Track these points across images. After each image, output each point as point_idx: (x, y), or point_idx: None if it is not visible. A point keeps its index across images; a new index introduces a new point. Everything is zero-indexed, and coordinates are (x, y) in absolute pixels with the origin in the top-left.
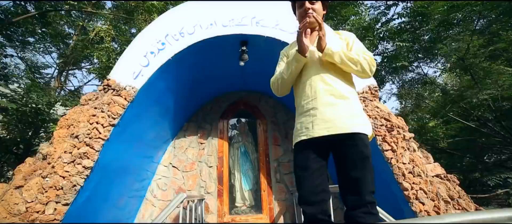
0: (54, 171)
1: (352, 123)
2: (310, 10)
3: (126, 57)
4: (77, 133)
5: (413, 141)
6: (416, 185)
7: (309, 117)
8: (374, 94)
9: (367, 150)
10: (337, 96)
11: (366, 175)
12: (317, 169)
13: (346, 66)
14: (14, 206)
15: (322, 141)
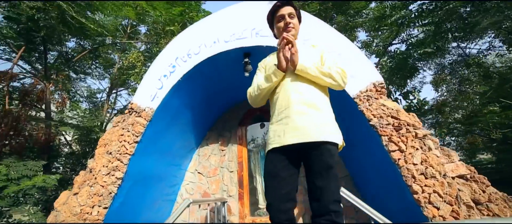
0: (96, 182)
1: (321, 132)
2: (290, 24)
3: (144, 82)
4: (110, 150)
5: (430, 138)
6: (429, 188)
7: (281, 126)
8: (380, 91)
9: (332, 159)
10: (309, 105)
11: (329, 184)
12: (287, 178)
13: (318, 80)
14: (73, 208)
15: (293, 150)
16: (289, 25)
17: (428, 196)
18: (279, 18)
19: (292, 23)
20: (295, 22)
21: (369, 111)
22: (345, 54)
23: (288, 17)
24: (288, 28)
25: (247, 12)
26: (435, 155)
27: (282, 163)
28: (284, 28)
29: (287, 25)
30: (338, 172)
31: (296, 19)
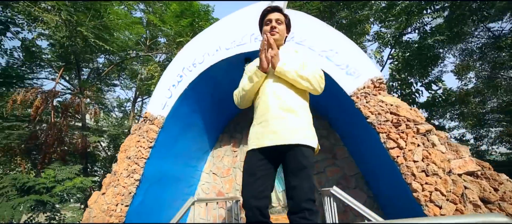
0: (118, 183)
1: (295, 136)
2: (276, 28)
3: (156, 92)
4: (129, 155)
5: (436, 133)
6: (430, 186)
7: (261, 128)
8: (378, 87)
9: (305, 161)
10: (286, 109)
11: (302, 184)
12: (262, 176)
13: (296, 83)
14: (101, 206)
15: (270, 151)
16: (274, 29)
17: (429, 194)
18: (267, 22)
19: (278, 28)
20: (281, 28)
21: (366, 108)
22: (342, 52)
23: (275, 22)
24: (272, 31)
25: (245, 18)
26: (440, 151)
27: (259, 163)
28: (269, 31)
29: (272, 28)
30: (312, 172)
31: (283, 26)
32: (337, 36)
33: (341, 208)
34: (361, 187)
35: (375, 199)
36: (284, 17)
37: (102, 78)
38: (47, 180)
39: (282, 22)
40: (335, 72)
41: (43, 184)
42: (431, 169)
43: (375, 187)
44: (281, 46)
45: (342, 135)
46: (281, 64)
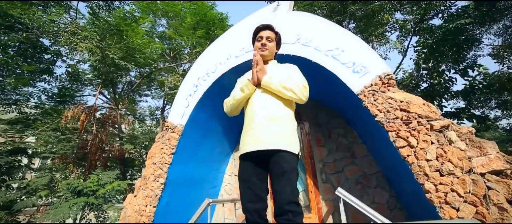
0: (147, 186)
1: (277, 142)
2: (265, 45)
3: (175, 103)
4: (155, 161)
5: (454, 129)
6: (446, 186)
7: (247, 136)
8: (387, 83)
9: (287, 165)
10: (269, 118)
11: (285, 187)
12: (255, 181)
13: (281, 93)
14: (134, 207)
15: (258, 156)
16: (264, 46)
17: (444, 195)
18: (258, 38)
19: (267, 45)
20: (271, 45)
21: (374, 106)
22: (348, 50)
23: (266, 39)
24: (262, 48)
25: (252, 25)
26: (458, 149)
27: (250, 169)
28: (260, 47)
29: (262, 45)
30: (293, 176)
31: (273, 43)
32: (343, 34)
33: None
34: (382, 186)
35: (398, 199)
36: (275, 34)
37: (134, 90)
38: (92, 184)
39: (272, 40)
40: (341, 71)
41: (89, 188)
42: (446, 168)
43: (397, 186)
44: (271, 61)
45: (360, 133)
46: (267, 77)
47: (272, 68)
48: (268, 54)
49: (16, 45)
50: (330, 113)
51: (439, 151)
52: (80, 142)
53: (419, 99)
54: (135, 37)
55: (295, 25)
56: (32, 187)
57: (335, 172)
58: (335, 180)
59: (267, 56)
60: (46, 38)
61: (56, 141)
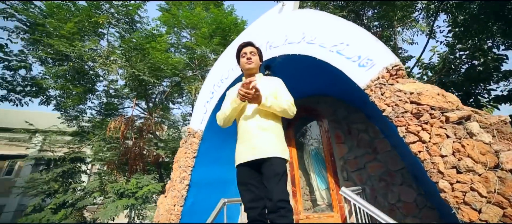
0: (174, 188)
1: (270, 150)
2: (251, 59)
3: (195, 110)
4: (180, 164)
5: (477, 120)
6: (464, 185)
7: (242, 146)
8: (396, 74)
9: (278, 168)
10: (261, 129)
11: (277, 188)
12: (254, 184)
13: (273, 110)
14: (164, 206)
15: (252, 163)
16: (250, 60)
17: (462, 195)
18: (243, 55)
19: (252, 59)
20: (255, 58)
21: (381, 100)
22: (353, 43)
23: (249, 54)
24: (248, 62)
25: (260, 29)
26: (481, 142)
27: (247, 174)
28: (246, 62)
29: (248, 59)
30: (284, 178)
31: (257, 56)
32: (347, 28)
33: (386, 206)
34: (409, 183)
35: (427, 197)
36: (256, 49)
37: (168, 99)
38: (132, 186)
39: (255, 54)
40: (346, 66)
41: (130, 190)
42: (464, 164)
43: (426, 183)
44: (257, 73)
45: (381, 128)
46: (264, 100)
47: (259, 82)
48: (254, 67)
49: (66, 73)
50: (348, 108)
51: (456, 146)
52: (122, 150)
53: (435, 89)
54: (154, 54)
55: (300, 24)
56: (89, 189)
57: (357, 170)
58: (357, 178)
59: (253, 69)
60: (86, 64)
61: (104, 150)
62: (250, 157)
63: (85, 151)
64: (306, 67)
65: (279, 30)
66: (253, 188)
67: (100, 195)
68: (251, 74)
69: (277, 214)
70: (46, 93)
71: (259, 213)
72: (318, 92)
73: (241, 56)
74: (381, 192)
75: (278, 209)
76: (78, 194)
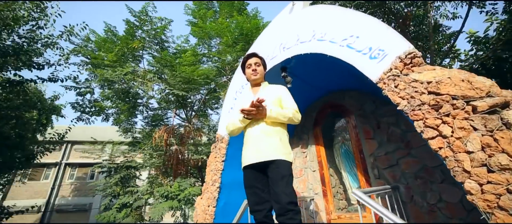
0: (208, 190)
1: (274, 153)
2: (256, 70)
3: (221, 117)
4: (212, 168)
5: None
6: (497, 186)
7: (248, 151)
8: (410, 63)
9: (284, 170)
10: (267, 134)
11: (283, 190)
12: (259, 187)
13: (278, 120)
14: (201, 207)
15: (258, 167)
16: (255, 71)
17: (496, 198)
18: (248, 66)
19: (257, 70)
20: (260, 69)
21: (395, 93)
22: (363, 35)
23: (254, 65)
24: (253, 73)
25: (274, 31)
26: None
27: (254, 177)
28: (251, 73)
29: (253, 70)
30: (291, 180)
31: (261, 67)
32: (357, 19)
33: (425, 207)
34: (452, 181)
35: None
36: (260, 59)
37: (206, 105)
38: (175, 189)
39: (260, 64)
40: (357, 60)
41: (174, 193)
42: (497, 161)
43: None
44: (262, 82)
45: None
46: (269, 112)
47: (264, 90)
48: (259, 77)
49: (114, 94)
50: (376, 101)
51: (485, 140)
52: (166, 156)
53: (461, 74)
54: (181, 69)
55: (309, 22)
56: (141, 192)
57: (389, 166)
58: (389, 175)
59: (258, 79)
60: (127, 85)
61: (152, 157)
62: (254, 160)
63: (136, 160)
64: (321, 64)
65: (291, 30)
66: (258, 191)
67: (149, 197)
68: (257, 84)
69: (286, 216)
70: (105, 111)
71: (264, 215)
72: (342, 86)
73: (246, 67)
74: (418, 191)
75: (287, 212)
76: (134, 196)
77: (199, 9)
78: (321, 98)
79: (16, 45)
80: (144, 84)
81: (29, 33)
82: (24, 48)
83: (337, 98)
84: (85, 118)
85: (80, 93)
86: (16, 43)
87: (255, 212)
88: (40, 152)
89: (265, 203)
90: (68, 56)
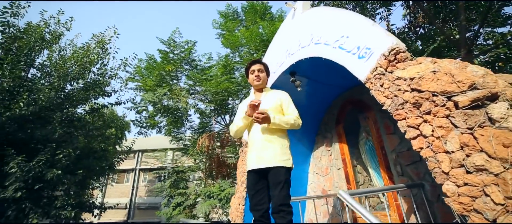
0: (239, 190)
1: (274, 160)
2: (259, 76)
3: None
4: (240, 170)
5: (506, 99)
6: (473, 188)
7: (251, 156)
8: (395, 59)
9: (281, 176)
10: (267, 141)
11: (279, 193)
12: (259, 190)
13: (281, 127)
14: (234, 205)
15: (260, 171)
16: (258, 77)
17: (471, 200)
18: (251, 71)
19: (260, 76)
20: (262, 75)
21: (380, 93)
22: (352, 34)
23: (257, 71)
24: (256, 79)
25: (281, 38)
26: (507, 129)
27: (255, 180)
28: (255, 79)
29: (256, 76)
30: (286, 185)
31: (264, 73)
32: (347, 18)
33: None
34: None
35: None
36: (263, 65)
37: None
38: (216, 190)
39: (263, 71)
40: (348, 61)
41: (215, 193)
42: (473, 162)
43: None
44: (264, 88)
45: None
46: (272, 119)
47: (266, 96)
48: (262, 83)
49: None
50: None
51: (464, 138)
52: (210, 160)
53: (451, 64)
54: (208, 84)
55: (308, 26)
56: (189, 192)
57: (412, 163)
58: (412, 172)
59: (261, 85)
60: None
61: (200, 161)
62: (256, 166)
63: (185, 165)
64: (323, 67)
65: (294, 35)
66: (258, 193)
67: (196, 198)
68: (259, 89)
69: (279, 215)
70: (157, 125)
71: (261, 215)
72: (359, 81)
73: (250, 73)
74: None
75: (280, 212)
76: (185, 196)
77: (226, 22)
78: (341, 95)
79: (93, 80)
80: (180, 101)
81: (99, 70)
82: (98, 81)
83: (356, 94)
84: (143, 132)
85: (138, 111)
86: (93, 79)
87: (254, 211)
88: (117, 161)
89: (264, 204)
90: (126, 82)
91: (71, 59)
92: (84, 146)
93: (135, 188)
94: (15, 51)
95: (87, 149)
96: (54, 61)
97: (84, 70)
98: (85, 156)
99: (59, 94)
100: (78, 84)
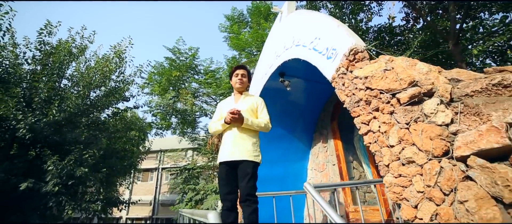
0: None
1: (243, 154)
2: (241, 80)
3: None
4: None
5: (440, 94)
6: (404, 179)
7: (224, 149)
8: (354, 59)
9: (249, 169)
10: (241, 138)
11: (246, 184)
12: (229, 180)
13: (253, 128)
14: None
15: (230, 164)
16: (241, 80)
17: (402, 189)
18: (236, 75)
19: (243, 80)
20: (245, 80)
21: (342, 92)
22: (323, 36)
23: (241, 75)
24: (239, 81)
25: (270, 41)
26: (434, 124)
27: (225, 171)
28: (237, 82)
29: (239, 79)
30: (254, 177)
31: (246, 78)
32: (320, 20)
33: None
34: None
35: None
36: (247, 71)
37: None
38: None
39: (245, 76)
40: (319, 62)
41: None
42: (405, 155)
43: None
44: (244, 92)
45: None
46: (245, 121)
47: (244, 99)
48: (243, 87)
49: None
50: None
51: (401, 133)
52: (216, 158)
53: (403, 62)
54: (213, 86)
55: (291, 29)
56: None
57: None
58: None
59: (241, 88)
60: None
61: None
62: (227, 158)
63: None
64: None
65: (280, 38)
66: (228, 184)
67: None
68: (240, 92)
69: (245, 203)
70: (171, 126)
71: (230, 205)
72: None
73: (234, 75)
74: None
75: (246, 200)
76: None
77: (232, 25)
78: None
79: (113, 87)
80: (186, 103)
81: (118, 77)
82: (118, 88)
83: None
84: (159, 133)
85: (153, 114)
86: (113, 87)
87: (225, 200)
88: (138, 160)
89: (233, 194)
90: (143, 87)
91: (93, 69)
92: (107, 147)
93: (159, 186)
94: (50, 65)
95: (110, 150)
96: (80, 72)
97: (105, 79)
98: (109, 156)
99: (85, 101)
100: (100, 91)
